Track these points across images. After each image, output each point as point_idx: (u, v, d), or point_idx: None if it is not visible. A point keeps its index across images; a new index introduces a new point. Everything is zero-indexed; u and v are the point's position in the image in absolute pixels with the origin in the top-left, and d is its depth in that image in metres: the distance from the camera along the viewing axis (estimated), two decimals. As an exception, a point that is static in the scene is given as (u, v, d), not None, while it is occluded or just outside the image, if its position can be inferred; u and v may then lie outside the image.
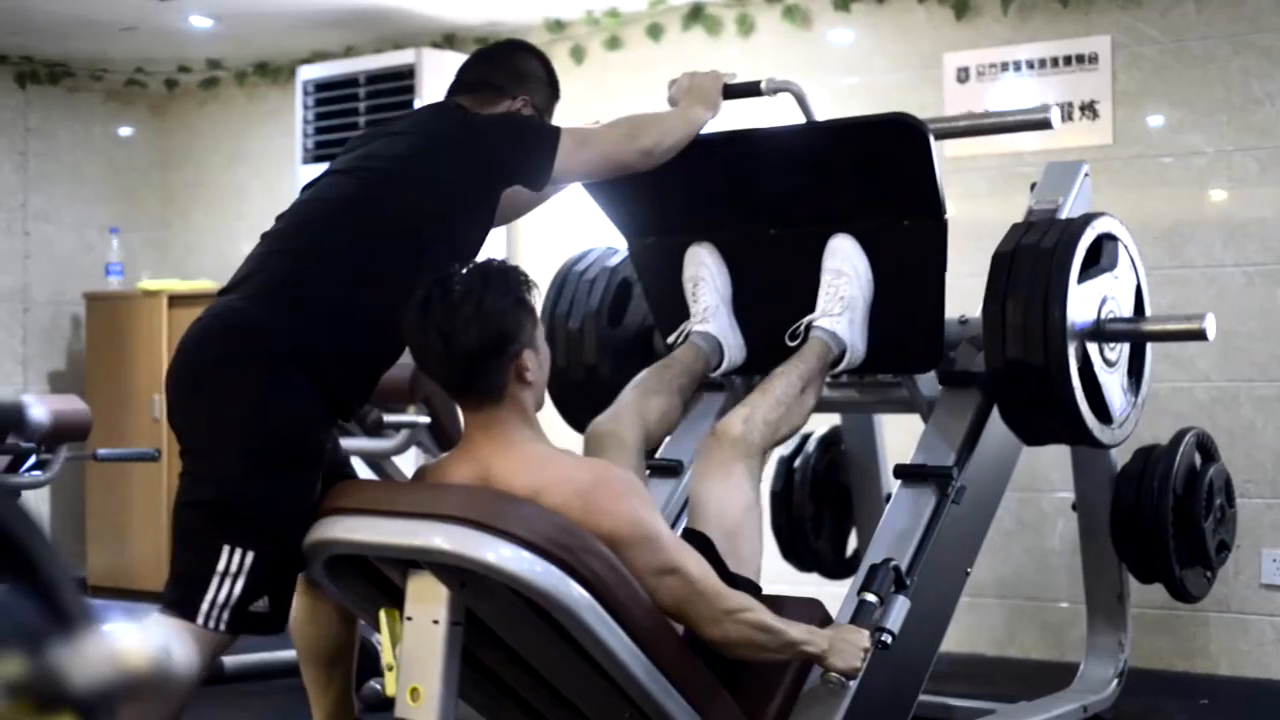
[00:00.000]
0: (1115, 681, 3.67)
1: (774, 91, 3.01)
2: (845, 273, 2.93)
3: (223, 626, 2.43)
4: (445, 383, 2.43)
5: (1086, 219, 3.03)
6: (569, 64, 5.40)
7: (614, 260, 3.56)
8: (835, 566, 4.20)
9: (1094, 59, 4.50)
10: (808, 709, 2.59)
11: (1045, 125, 3.30)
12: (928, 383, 3.16)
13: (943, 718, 3.61)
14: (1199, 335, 3.06)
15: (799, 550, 4.18)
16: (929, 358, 3.05)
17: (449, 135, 2.67)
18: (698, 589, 2.35)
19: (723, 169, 3.01)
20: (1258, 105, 4.28)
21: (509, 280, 2.39)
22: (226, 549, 2.42)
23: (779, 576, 3.99)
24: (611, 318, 3.49)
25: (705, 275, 3.07)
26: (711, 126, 2.96)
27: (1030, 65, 4.60)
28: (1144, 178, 4.43)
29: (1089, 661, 3.73)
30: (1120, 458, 3.59)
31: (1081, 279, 2.93)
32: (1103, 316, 3.00)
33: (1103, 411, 2.99)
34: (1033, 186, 3.43)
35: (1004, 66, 4.64)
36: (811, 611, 2.66)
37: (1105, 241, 3.06)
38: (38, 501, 5.85)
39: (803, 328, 2.93)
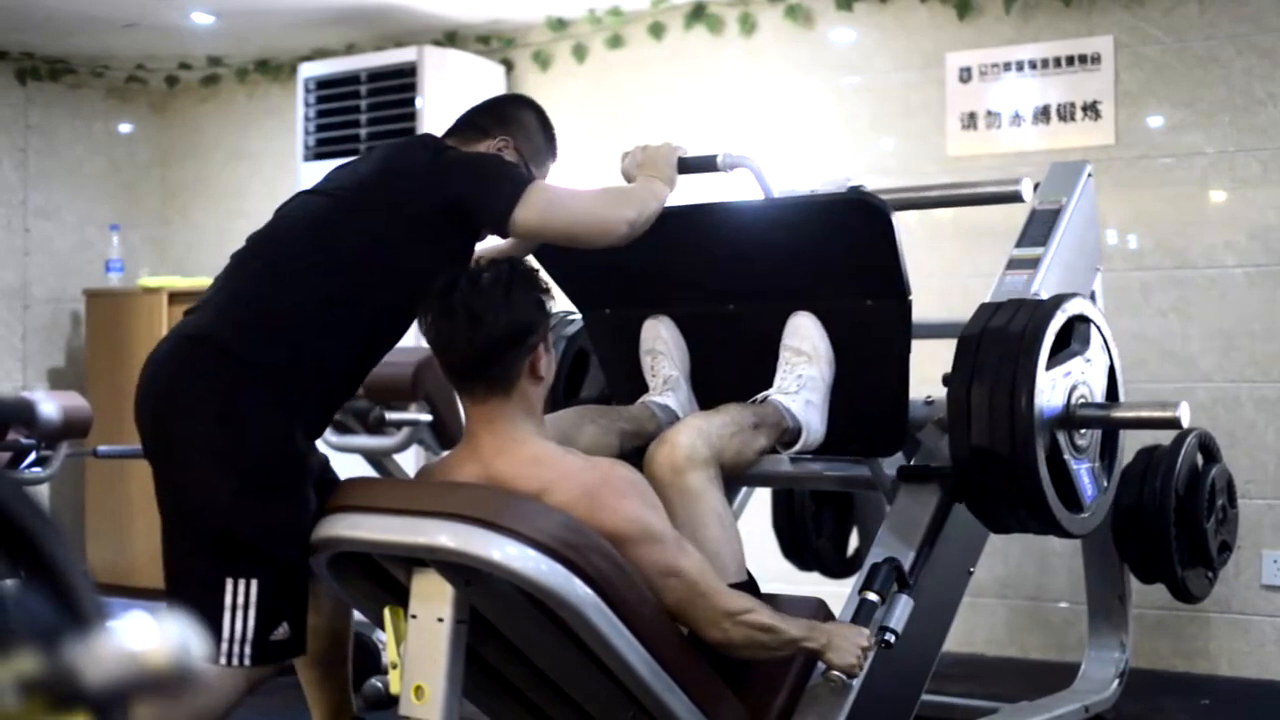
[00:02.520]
0: (1116, 681, 3.67)
1: (730, 167, 2.87)
2: (805, 352, 2.86)
3: (248, 661, 2.40)
4: (461, 366, 2.40)
5: (1057, 301, 2.89)
6: (571, 63, 5.40)
7: (571, 329, 3.47)
8: (836, 566, 4.20)
9: (1096, 59, 4.49)
10: (810, 707, 2.58)
11: (1016, 199, 3.28)
12: (893, 464, 3.02)
13: (944, 717, 3.61)
14: (1173, 424, 2.89)
15: (800, 549, 4.18)
16: (892, 440, 2.92)
17: (414, 165, 2.61)
18: (699, 590, 2.36)
19: (681, 243, 2.89)
20: (1260, 106, 4.28)
21: (534, 280, 2.42)
22: (229, 581, 2.39)
23: (779, 575, 4.00)
24: (569, 389, 3.42)
25: (663, 349, 3.02)
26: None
27: (1033, 65, 4.60)
28: (1146, 178, 4.43)
29: (1090, 661, 3.72)
30: (1122, 458, 3.59)
31: (1051, 364, 2.79)
32: (1073, 403, 2.84)
33: (1072, 500, 2.85)
34: (1035, 187, 3.43)
35: (1006, 66, 4.64)
36: (814, 610, 2.66)
37: (1077, 324, 2.92)
38: (38, 498, 5.84)
39: (759, 403, 2.83)
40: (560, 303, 3.24)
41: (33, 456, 3.81)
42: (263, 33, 5.73)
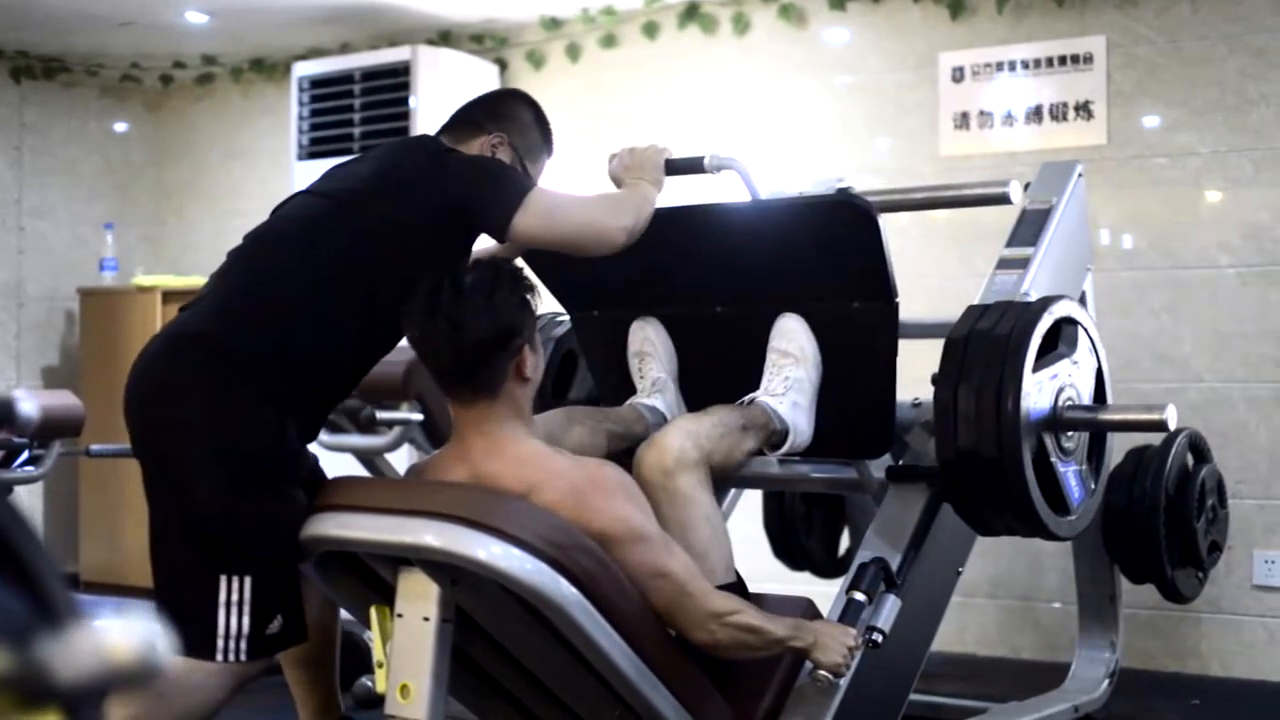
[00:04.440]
0: (1106, 682, 3.68)
1: (717, 169, 2.88)
2: (791, 353, 2.85)
3: (244, 657, 2.41)
4: (446, 372, 2.40)
5: (1044, 303, 2.87)
6: (564, 62, 5.40)
7: (559, 330, 3.46)
8: (827, 566, 4.20)
9: (1089, 59, 4.50)
10: (798, 707, 2.58)
11: (1004, 200, 3.28)
12: (880, 466, 3.01)
13: (934, 717, 3.61)
14: (1159, 426, 2.87)
15: (791, 549, 4.18)
16: (879, 443, 2.92)
17: (415, 167, 2.60)
18: (687, 591, 2.36)
19: (668, 245, 2.87)
20: (1253, 106, 4.28)
21: (517, 280, 2.40)
22: (223, 579, 2.39)
23: (771, 576, 4.00)
24: (556, 390, 3.41)
25: (651, 351, 3.02)
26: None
27: (1025, 65, 4.60)
28: (1139, 178, 4.43)
29: (1080, 661, 3.73)
30: (1112, 458, 3.59)
31: (1038, 366, 2.76)
32: (1060, 405, 2.81)
33: (1059, 503, 2.82)
34: (1026, 187, 3.43)
35: (999, 66, 4.64)
36: (803, 610, 2.67)
37: (1064, 325, 2.89)
38: (30, 497, 5.84)
39: (746, 405, 2.82)
40: (548, 304, 3.22)
41: (25, 455, 3.82)
42: (257, 32, 5.73)
